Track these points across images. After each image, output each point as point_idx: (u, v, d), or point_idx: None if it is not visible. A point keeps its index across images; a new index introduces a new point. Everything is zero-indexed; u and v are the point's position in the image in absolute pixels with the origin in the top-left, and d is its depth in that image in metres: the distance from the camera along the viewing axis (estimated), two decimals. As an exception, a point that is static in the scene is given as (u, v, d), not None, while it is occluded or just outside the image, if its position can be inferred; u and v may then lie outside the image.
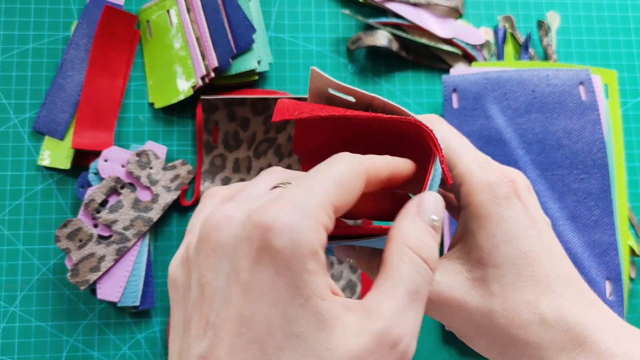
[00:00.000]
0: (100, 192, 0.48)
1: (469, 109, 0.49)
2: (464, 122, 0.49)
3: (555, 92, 0.50)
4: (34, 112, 0.52)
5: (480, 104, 0.49)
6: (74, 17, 0.54)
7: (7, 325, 0.49)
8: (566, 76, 0.50)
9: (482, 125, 0.49)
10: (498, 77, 0.50)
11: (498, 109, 0.49)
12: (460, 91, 0.50)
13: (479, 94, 0.49)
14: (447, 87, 0.50)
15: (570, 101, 0.49)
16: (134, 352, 0.49)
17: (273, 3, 0.56)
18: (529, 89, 0.50)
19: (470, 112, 0.49)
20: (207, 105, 0.49)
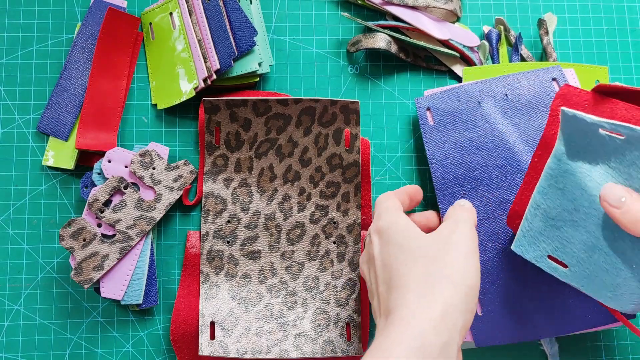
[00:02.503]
0: (104, 191, 0.48)
1: (445, 123, 0.50)
2: (442, 136, 0.50)
3: (529, 92, 0.50)
4: (38, 112, 0.53)
5: (456, 117, 0.50)
6: (77, 19, 0.55)
7: (11, 323, 0.49)
8: (537, 75, 0.50)
9: (460, 136, 0.49)
10: (468, 90, 0.50)
11: (474, 118, 0.49)
12: (434, 108, 0.50)
13: (453, 108, 0.50)
14: (420, 107, 0.51)
15: (546, 98, 0.49)
16: (137, 349, 0.50)
17: (274, 5, 0.57)
18: (502, 95, 0.50)
19: (447, 126, 0.50)
20: (209, 107, 0.50)
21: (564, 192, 0.37)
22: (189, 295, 0.50)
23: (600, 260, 0.36)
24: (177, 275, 0.51)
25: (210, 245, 0.50)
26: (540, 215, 0.39)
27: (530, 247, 0.40)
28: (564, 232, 0.38)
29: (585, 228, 0.37)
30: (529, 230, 0.40)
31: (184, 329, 0.49)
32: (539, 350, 0.52)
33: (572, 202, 0.37)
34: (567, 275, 0.38)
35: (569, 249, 0.38)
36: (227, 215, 0.51)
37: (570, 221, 0.37)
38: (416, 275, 0.35)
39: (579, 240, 0.37)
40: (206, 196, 0.51)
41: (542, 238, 0.39)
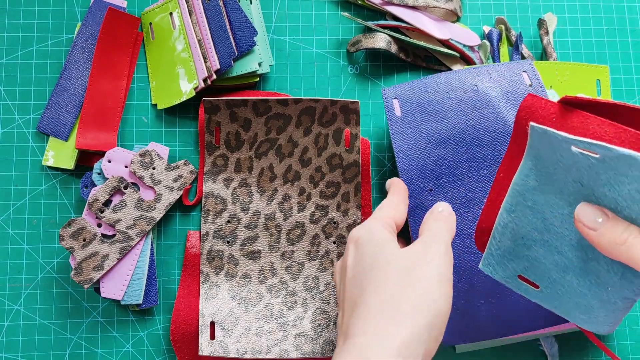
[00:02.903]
0: (104, 191, 0.48)
1: (413, 114, 0.47)
2: (409, 128, 0.47)
3: (499, 84, 0.47)
4: (38, 112, 0.53)
5: (424, 108, 0.47)
6: (77, 19, 0.55)
7: (11, 323, 0.49)
8: (507, 68, 0.48)
9: (428, 128, 0.47)
10: (437, 80, 0.48)
11: (443, 109, 0.47)
12: (402, 99, 0.48)
13: (421, 99, 0.47)
14: (387, 98, 0.48)
15: (516, 89, 0.47)
16: (137, 349, 0.50)
17: (274, 5, 0.57)
18: (471, 85, 0.47)
19: (415, 117, 0.47)
20: (209, 107, 0.50)
21: (533, 210, 0.35)
22: (189, 295, 0.50)
23: (573, 282, 0.34)
24: (177, 275, 0.51)
25: (210, 245, 0.50)
26: (509, 234, 0.37)
27: (499, 267, 0.38)
28: (534, 252, 0.36)
29: (556, 248, 0.34)
30: (497, 249, 0.37)
31: (184, 329, 0.49)
32: (539, 350, 0.52)
33: (542, 222, 0.35)
34: (539, 296, 0.36)
35: (540, 270, 0.36)
36: (227, 215, 0.51)
37: (540, 241, 0.35)
38: (381, 298, 0.33)
39: (551, 261, 0.35)
40: (206, 196, 0.51)
41: (512, 257, 0.37)
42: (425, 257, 0.34)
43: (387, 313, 0.32)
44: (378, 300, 0.32)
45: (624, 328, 0.53)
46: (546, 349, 0.51)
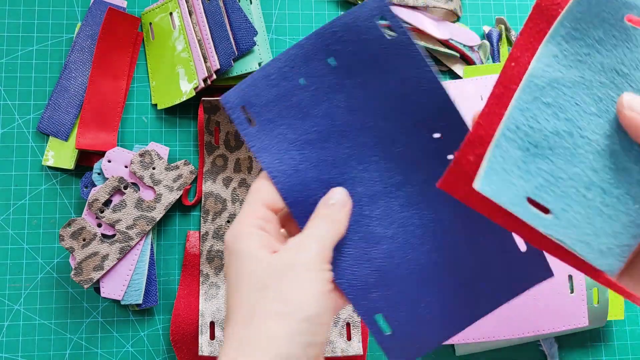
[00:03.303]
0: (104, 191, 0.48)
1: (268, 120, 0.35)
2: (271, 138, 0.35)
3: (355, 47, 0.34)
4: (38, 112, 0.53)
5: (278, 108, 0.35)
6: (77, 19, 0.55)
7: (11, 323, 0.49)
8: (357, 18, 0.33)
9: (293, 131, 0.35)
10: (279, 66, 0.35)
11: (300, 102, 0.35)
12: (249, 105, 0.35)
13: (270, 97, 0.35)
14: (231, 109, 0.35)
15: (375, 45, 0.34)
16: (137, 349, 0.50)
17: (274, 5, 0.57)
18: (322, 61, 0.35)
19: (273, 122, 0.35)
20: (208, 107, 0.50)
21: (553, 109, 0.29)
22: (188, 295, 0.50)
23: (596, 201, 0.29)
24: (177, 275, 0.51)
25: (210, 245, 0.50)
26: (519, 140, 0.29)
27: (504, 185, 0.29)
28: (550, 165, 0.29)
29: (579, 158, 0.29)
30: (501, 161, 0.29)
31: (183, 329, 0.49)
32: (539, 350, 0.52)
33: (564, 123, 0.29)
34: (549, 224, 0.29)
35: (556, 188, 0.29)
36: (226, 215, 0.51)
37: (560, 149, 0.29)
38: (245, 311, 0.29)
39: (571, 176, 0.29)
40: (206, 196, 0.51)
41: (520, 173, 0.29)
42: (295, 259, 0.30)
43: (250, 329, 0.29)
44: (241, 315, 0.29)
45: (623, 328, 0.53)
46: (546, 349, 0.51)
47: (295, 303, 0.29)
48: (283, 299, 0.29)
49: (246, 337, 0.28)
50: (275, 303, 0.29)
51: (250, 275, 0.30)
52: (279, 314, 0.28)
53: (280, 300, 0.29)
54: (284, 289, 0.29)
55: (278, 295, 0.29)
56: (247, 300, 0.29)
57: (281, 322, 0.28)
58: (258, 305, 0.29)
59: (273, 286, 0.29)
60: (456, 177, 0.30)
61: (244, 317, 0.29)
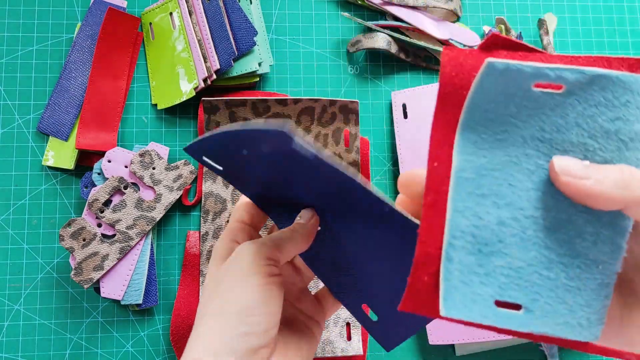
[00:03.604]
0: (104, 191, 0.48)
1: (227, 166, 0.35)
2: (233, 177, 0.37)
3: None
4: (38, 112, 0.53)
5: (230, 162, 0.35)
6: (77, 19, 0.55)
7: (11, 323, 0.49)
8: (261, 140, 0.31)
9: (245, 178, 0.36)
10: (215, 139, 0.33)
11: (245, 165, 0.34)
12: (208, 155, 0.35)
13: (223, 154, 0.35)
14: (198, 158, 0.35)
15: None
16: (137, 349, 0.50)
17: (274, 5, 0.57)
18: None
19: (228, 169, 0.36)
20: (208, 107, 0.50)
21: (491, 199, 0.27)
22: (188, 296, 0.50)
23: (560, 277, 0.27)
24: (177, 275, 0.51)
25: (210, 245, 0.50)
26: (469, 244, 0.27)
27: (468, 300, 0.27)
28: (506, 258, 0.27)
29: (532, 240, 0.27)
30: (459, 275, 0.27)
31: (183, 329, 0.49)
32: (539, 351, 0.52)
33: (505, 210, 0.27)
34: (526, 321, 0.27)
35: (518, 280, 0.27)
36: (226, 215, 0.51)
37: (510, 238, 0.27)
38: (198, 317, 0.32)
39: (528, 262, 0.27)
40: (206, 196, 0.51)
41: (480, 279, 0.27)
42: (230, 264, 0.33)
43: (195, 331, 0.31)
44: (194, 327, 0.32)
45: (623, 328, 0.53)
46: (546, 349, 0.51)
47: (229, 298, 0.31)
48: (219, 298, 0.31)
49: (193, 338, 0.30)
50: (213, 304, 0.31)
51: (204, 289, 0.34)
52: (215, 311, 0.31)
53: (218, 300, 0.31)
54: (221, 290, 0.32)
55: (216, 296, 0.32)
56: (200, 311, 0.32)
57: (217, 318, 0.30)
58: (204, 311, 0.32)
59: (214, 291, 0.32)
60: (415, 301, 0.28)
61: (196, 321, 0.32)
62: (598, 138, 0.25)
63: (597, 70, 0.25)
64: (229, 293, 0.31)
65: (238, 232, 0.36)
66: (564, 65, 0.25)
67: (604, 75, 0.25)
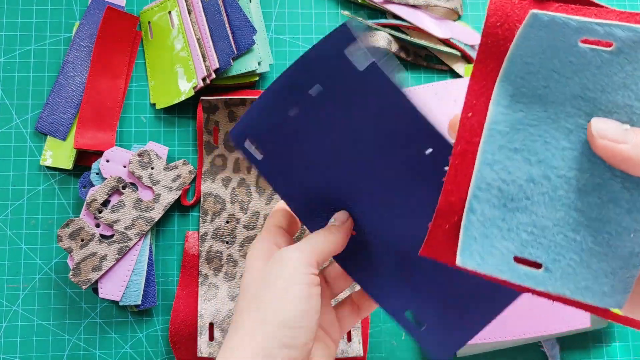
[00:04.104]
0: (102, 192, 0.48)
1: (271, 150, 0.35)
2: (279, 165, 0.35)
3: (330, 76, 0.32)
4: (36, 112, 0.52)
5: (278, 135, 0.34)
6: (75, 18, 0.54)
7: (9, 324, 0.49)
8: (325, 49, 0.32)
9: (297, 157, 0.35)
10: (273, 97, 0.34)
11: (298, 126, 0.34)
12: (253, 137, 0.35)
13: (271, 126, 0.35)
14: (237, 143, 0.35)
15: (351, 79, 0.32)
16: (136, 350, 0.50)
17: (273, 4, 0.57)
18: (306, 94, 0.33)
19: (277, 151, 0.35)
20: (207, 106, 0.50)
21: (523, 154, 0.27)
22: (187, 296, 0.50)
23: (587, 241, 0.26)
24: (175, 276, 0.51)
25: (209, 245, 0.50)
26: (494, 198, 0.27)
27: (486, 253, 0.27)
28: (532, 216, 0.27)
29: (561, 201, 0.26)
30: (480, 227, 0.27)
31: (182, 330, 0.49)
32: (540, 352, 0.52)
33: (537, 167, 0.26)
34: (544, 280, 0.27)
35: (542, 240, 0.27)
36: (225, 215, 0.51)
37: (538, 195, 0.27)
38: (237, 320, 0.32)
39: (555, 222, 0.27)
40: (205, 196, 0.51)
41: (502, 233, 0.27)
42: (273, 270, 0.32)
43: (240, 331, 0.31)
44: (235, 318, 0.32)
45: (625, 329, 0.53)
46: (547, 350, 0.51)
47: (272, 308, 0.30)
48: (263, 305, 0.31)
49: (232, 344, 0.30)
50: (256, 311, 0.31)
51: (244, 286, 0.33)
52: (258, 319, 0.30)
53: (260, 307, 0.31)
54: (264, 297, 0.31)
55: (259, 302, 0.31)
56: (240, 310, 0.32)
57: (259, 326, 0.30)
58: (245, 313, 0.31)
59: (257, 295, 0.32)
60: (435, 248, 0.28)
61: (235, 326, 0.31)
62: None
63: None
64: (272, 302, 0.31)
65: (278, 236, 0.36)
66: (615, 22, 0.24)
67: None
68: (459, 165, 0.27)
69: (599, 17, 0.25)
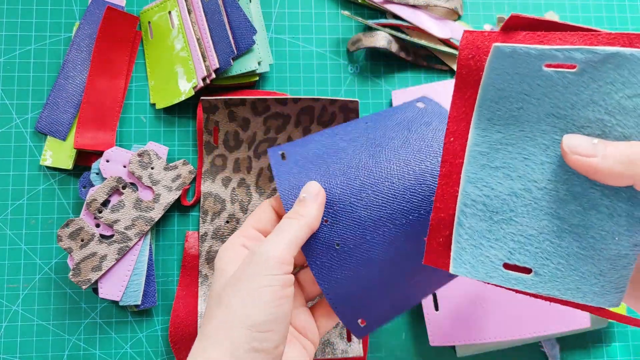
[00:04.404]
0: (102, 192, 0.48)
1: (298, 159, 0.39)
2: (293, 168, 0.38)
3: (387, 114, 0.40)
4: (36, 112, 0.52)
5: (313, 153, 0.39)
6: (75, 18, 0.54)
7: (9, 324, 0.49)
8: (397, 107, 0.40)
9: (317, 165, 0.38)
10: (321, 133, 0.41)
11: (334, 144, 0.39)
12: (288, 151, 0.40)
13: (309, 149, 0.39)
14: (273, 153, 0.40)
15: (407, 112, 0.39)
16: (136, 350, 0.50)
17: (273, 4, 0.57)
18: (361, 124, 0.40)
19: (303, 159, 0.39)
20: (207, 106, 0.50)
21: (504, 171, 0.29)
22: (187, 296, 0.50)
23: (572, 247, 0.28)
24: (175, 276, 0.51)
25: (209, 245, 0.50)
26: (480, 212, 0.30)
27: (476, 262, 0.30)
28: (516, 226, 0.29)
29: (543, 209, 0.28)
30: (469, 239, 0.30)
31: (182, 330, 0.49)
32: (540, 352, 0.52)
33: (518, 181, 0.29)
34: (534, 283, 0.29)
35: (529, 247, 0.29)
36: (225, 215, 0.51)
37: (521, 207, 0.29)
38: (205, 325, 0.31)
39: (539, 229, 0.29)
40: (205, 196, 0.51)
41: (490, 243, 0.30)
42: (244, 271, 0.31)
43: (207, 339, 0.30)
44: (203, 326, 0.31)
45: (625, 329, 0.53)
46: (547, 350, 0.51)
47: (241, 311, 0.30)
48: (231, 309, 0.30)
49: (201, 349, 0.30)
50: (224, 314, 0.30)
51: (212, 290, 0.33)
52: (226, 323, 0.30)
53: (228, 311, 0.30)
54: (233, 300, 0.30)
55: (227, 306, 0.30)
56: (208, 314, 0.31)
57: (227, 331, 0.29)
58: (214, 318, 0.31)
59: (225, 299, 0.31)
60: (434, 258, 0.31)
61: (202, 331, 0.31)
62: (615, 114, 0.26)
63: (609, 48, 0.25)
64: (241, 307, 0.30)
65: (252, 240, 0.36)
66: (573, 46, 0.26)
67: (617, 54, 0.25)
68: (445, 185, 0.31)
69: (563, 42, 0.27)
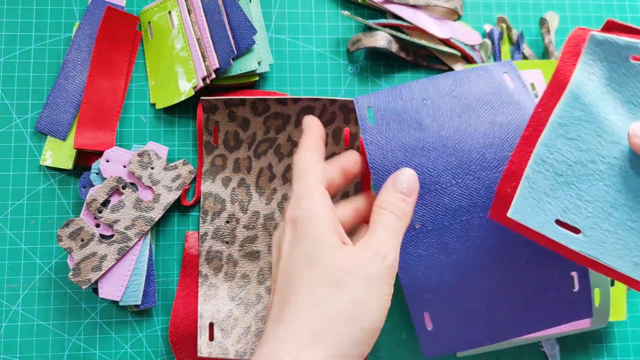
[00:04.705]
0: (102, 192, 0.48)
1: (387, 123, 0.42)
2: (384, 137, 0.41)
3: (478, 88, 0.42)
4: (36, 112, 0.52)
5: (399, 116, 0.42)
6: (75, 18, 0.54)
7: (9, 324, 0.49)
8: (487, 71, 0.43)
9: (405, 137, 0.41)
10: (411, 87, 0.43)
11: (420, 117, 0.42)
12: (375, 108, 0.43)
13: (396, 107, 0.42)
14: (360, 107, 0.43)
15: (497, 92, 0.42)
16: (136, 351, 0.50)
17: (273, 4, 0.57)
18: (449, 91, 0.42)
19: (390, 125, 0.42)
20: (207, 106, 0.50)
21: (576, 142, 0.33)
22: (187, 296, 0.50)
23: (623, 218, 0.32)
24: (175, 276, 0.51)
25: (209, 245, 0.50)
26: (546, 171, 0.34)
27: (533, 211, 0.34)
28: (576, 190, 0.33)
29: (603, 182, 0.32)
30: (531, 191, 0.34)
31: (182, 330, 0.49)
32: (540, 352, 0.52)
33: (586, 153, 0.33)
34: (580, 243, 0.33)
35: (582, 210, 0.33)
36: (225, 215, 0.51)
37: (584, 175, 0.33)
38: (311, 304, 0.28)
39: (596, 198, 0.32)
40: (205, 196, 0.51)
41: (548, 199, 0.34)
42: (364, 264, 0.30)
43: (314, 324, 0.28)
44: (306, 307, 0.29)
45: (625, 329, 0.53)
46: (547, 350, 0.51)
47: (365, 310, 0.28)
48: (354, 302, 0.28)
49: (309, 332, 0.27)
50: (346, 304, 0.28)
51: (320, 266, 0.29)
52: (347, 316, 0.28)
53: (351, 302, 0.28)
54: (357, 293, 0.28)
55: (349, 296, 0.28)
56: (313, 292, 0.28)
57: (349, 325, 0.28)
58: (328, 301, 0.28)
59: (345, 286, 0.29)
60: (500, 208, 0.35)
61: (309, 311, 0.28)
62: None
63: None
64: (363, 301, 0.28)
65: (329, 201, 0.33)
66: None
67: None
68: (524, 144, 0.35)
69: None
